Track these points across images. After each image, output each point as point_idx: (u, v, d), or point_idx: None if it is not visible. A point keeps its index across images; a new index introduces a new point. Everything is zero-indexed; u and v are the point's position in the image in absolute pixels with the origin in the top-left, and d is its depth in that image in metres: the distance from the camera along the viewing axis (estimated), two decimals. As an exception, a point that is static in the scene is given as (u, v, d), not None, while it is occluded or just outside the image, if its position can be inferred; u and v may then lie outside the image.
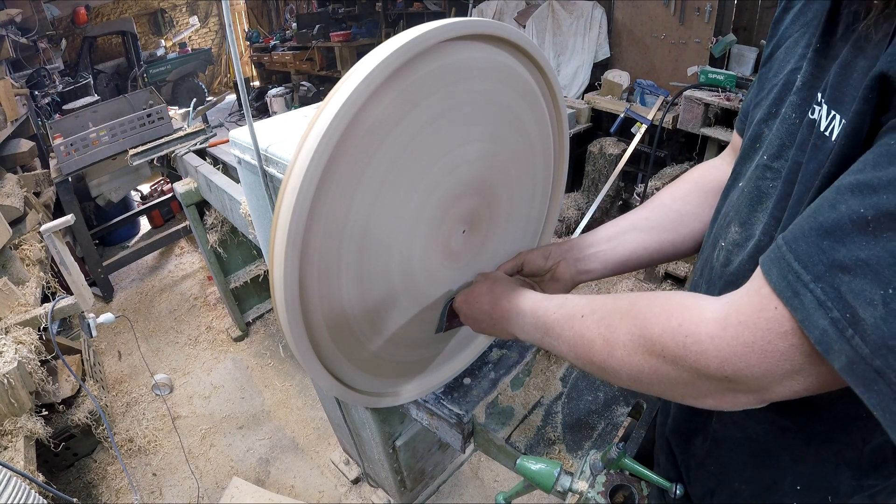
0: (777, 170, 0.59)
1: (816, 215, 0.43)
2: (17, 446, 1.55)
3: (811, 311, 0.42)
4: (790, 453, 0.68)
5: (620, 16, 3.70)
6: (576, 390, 1.12)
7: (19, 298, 1.99)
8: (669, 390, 0.57)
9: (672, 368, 0.53)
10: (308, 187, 0.66)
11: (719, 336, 0.48)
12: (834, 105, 0.49)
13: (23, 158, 3.24)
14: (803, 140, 0.54)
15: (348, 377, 0.93)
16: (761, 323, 0.46)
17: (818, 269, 0.42)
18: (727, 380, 0.49)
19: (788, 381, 0.47)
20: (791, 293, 0.43)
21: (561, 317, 0.70)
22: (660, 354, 0.54)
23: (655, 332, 0.54)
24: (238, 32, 9.86)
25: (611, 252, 0.91)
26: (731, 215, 0.68)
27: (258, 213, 1.27)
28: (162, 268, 4.02)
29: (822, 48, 0.55)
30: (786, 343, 0.45)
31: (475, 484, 2.15)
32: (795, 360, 0.45)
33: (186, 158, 2.54)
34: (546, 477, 0.82)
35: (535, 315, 0.75)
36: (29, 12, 4.42)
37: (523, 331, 0.79)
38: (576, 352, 0.66)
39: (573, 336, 0.66)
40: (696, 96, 3.12)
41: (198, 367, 2.96)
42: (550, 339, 0.72)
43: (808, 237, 0.43)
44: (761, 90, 0.67)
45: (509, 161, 0.93)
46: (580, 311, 0.66)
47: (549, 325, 0.72)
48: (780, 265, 0.45)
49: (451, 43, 0.74)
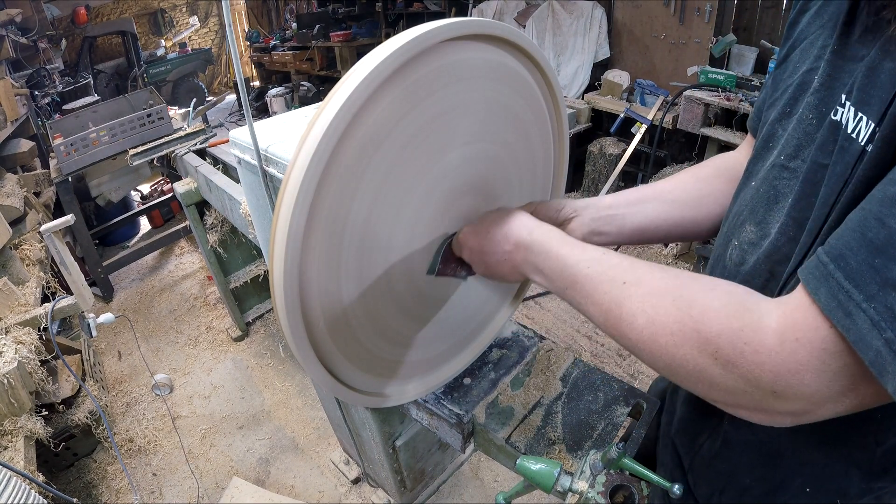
0: (794, 170, 0.59)
1: (864, 231, 0.42)
2: (17, 446, 1.55)
3: (864, 332, 0.40)
4: (800, 455, 0.67)
5: (620, 16, 3.71)
6: (576, 390, 1.12)
7: (19, 298, 1.99)
8: (706, 390, 0.53)
9: (721, 371, 0.50)
10: (308, 187, 0.66)
11: (776, 351, 0.46)
12: (861, 107, 0.48)
13: (23, 158, 3.24)
14: (825, 141, 0.54)
15: (348, 377, 0.93)
16: (816, 343, 0.44)
17: (871, 289, 0.40)
18: (774, 395, 0.47)
19: (832, 403, 0.46)
20: (843, 313, 0.42)
21: (597, 275, 0.61)
22: (712, 355, 0.50)
23: (713, 331, 0.50)
24: (238, 32, 9.86)
25: (630, 217, 0.84)
26: (744, 214, 0.67)
27: (258, 213, 1.27)
28: (162, 268, 4.02)
29: (840, 49, 0.55)
30: (839, 363, 0.43)
31: (475, 484, 2.15)
32: (846, 380, 0.44)
33: (186, 158, 2.54)
34: (546, 477, 0.82)
35: (563, 262, 0.66)
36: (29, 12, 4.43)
37: (542, 273, 0.69)
38: (607, 319, 0.60)
39: (609, 302, 0.59)
40: (696, 96, 3.12)
41: (198, 367, 2.96)
42: (576, 294, 0.64)
43: (857, 254, 0.42)
44: (775, 90, 0.67)
45: (509, 161, 0.93)
46: (622, 276, 0.59)
47: (578, 279, 0.63)
48: (829, 284, 0.44)
49: (452, 43, 0.74)
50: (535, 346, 1.22)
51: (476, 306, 1.10)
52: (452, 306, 1.02)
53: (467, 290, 1.04)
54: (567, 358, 1.19)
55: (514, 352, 1.21)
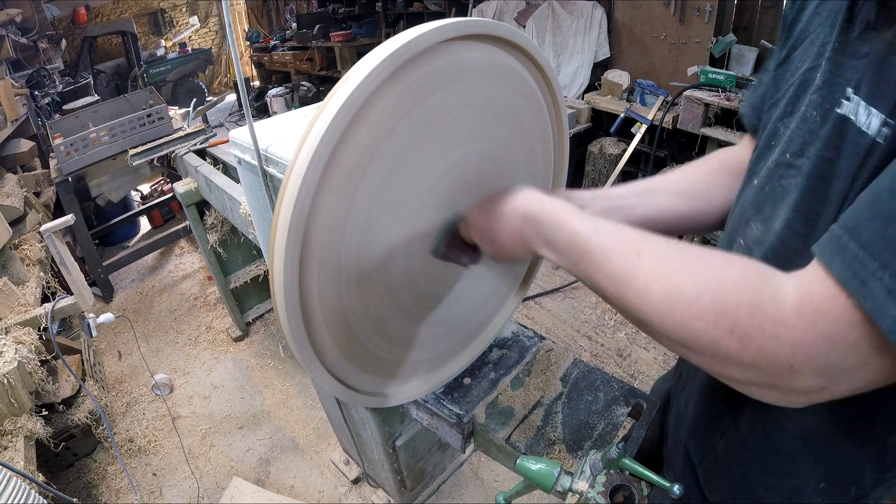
0: (799, 167, 0.59)
1: (877, 203, 0.42)
2: (17, 446, 1.55)
3: (881, 301, 0.41)
4: (814, 454, 0.68)
5: (620, 16, 3.70)
6: (576, 390, 1.12)
7: (19, 298, 1.99)
8: (721, 367, 0.52)
9: (737, 345, 0.48)
10: (308, 187, 0.66)
11: (794, 324, 0.45)
12: (872, 101, 0.49)
13: (23, 158, 3.24)
14: (830, 136, 0.54)
15: (348, 377, 0.93)
16: (833, 314, 0.44)
17: (886, 257, 0.41)
18: (790, 369, 0.46)
19: (847, 379, 0.45)
20: (858, 282, 0.42)
21: (610, 246, 0.60)
22: (728, 328, 0.48)
23: (731, 303, 0.48)
24: (238, 32, 9.86)
25: (639, 207, 0.83)
26: (749, 212, 0.67)
27: (258, 213, 1.27)
28: (162, 268, 4.02)
29: (841, 47, 0.55)
30: (855, 334, 0.43)
31: (475, 484, 2.15)
32: (863, 351, 0.43)
33: (186, 158, 2.54)
34: (546, 477, 0.82)
35: (575, 234, 0.64)
36: (29, 12, 4.43)
37: (553, 246, 0.67)
38: (619, 290, 0.58)
39: (621, 272, 0.57)
40: (696, 96, 3.12)
41: (198, 367, 2.96)
42: (587, 266, 0.62)
43: (870, 225, 0.42)
44: (777, 90, 0.67)
45: (509, 161, 0.93)
46: (636, 247, 0.57)
47: (590, 250, 0.61)
48: (844, 254, 0.43)
49: (452, 43, 0.74)
50: (535, 346, 1.22)
51: (476, 306, 1.10)
52: (452, 306, 1.02)
53: (468, 289, 1.04)
54: (567, 358, 1.19)
55: (514, 352, 1.21)
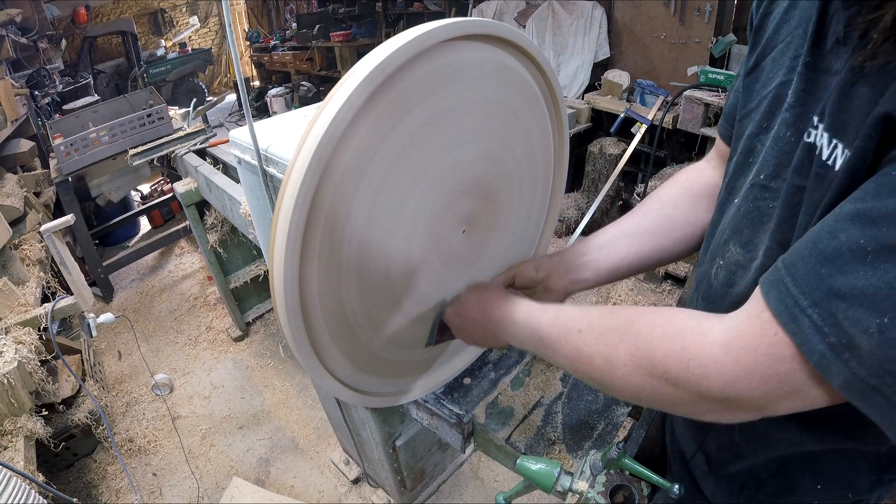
0: (775, 189, 0.59)
1: (816, 242, 0.44)
2: (17, 446, 1.55)
3: (809, 336, 0.43)
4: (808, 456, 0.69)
5: (620, 16, 3.70)
6: (576, 390, 1.12)
7: (19, 298, 1.99)
8: (670, 408, 0.58)
9: (674, 390, 0.54)
10: (308, 187, 0.66)
11: (721, 361, 0.49)
12: (835, 133, 0.48)
13: (23, 158, 3.24)
14: (801, 163, 0.53)
15: (348, 377, 0.93)
16: (762, 349, 0.47)
17: (816, 296, 0.43)
18: (728, 401, 0.50)
19: (787, 400, 0.48)
20: (789, 317, 0.45)
21: (556, 331, 0.69)
22: (662, 377, 0.54)
23: (658, 356, 0.55)
24: (238, 32, 9.86)
25: (603, 260, 0.91)
26: (727, 233, 0.67)
27: (258, 213, 1.27)
28: (162, 268, 4.02)
29: (813, 62, 0.54)
30: (785, 367, 0.46)
31: (475, 484, 2.15)
32: (795, 381, 0.46)
33: (186, 158, 2.54)
34: (546, 477, 0.82)
35: (530, 326, 0.75)
36: (29, 12, 4.43)
37: (518, 339, 0.79)
38: (574, 365, 0.66)
39: (570, 351, 0.66)
40: (696, 96, 3.12)
41: (198, 367, 2.96)
42: (547, 350, 0.72)
43: (806, 263, 0.44)
44: (749, 101, 0.66)
45: (509, 161, 0.93)
46: (576, 325, 0.66)
47: (543, 337, 0.71)
48: (779, 288, 0.46)
49: (452, 43, 0.74)
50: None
51: (476, 306, 1.10)
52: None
53: (467, 290, 1.04)
54: (567, 358, 1.19)
55: (514, 351, 1.21)
